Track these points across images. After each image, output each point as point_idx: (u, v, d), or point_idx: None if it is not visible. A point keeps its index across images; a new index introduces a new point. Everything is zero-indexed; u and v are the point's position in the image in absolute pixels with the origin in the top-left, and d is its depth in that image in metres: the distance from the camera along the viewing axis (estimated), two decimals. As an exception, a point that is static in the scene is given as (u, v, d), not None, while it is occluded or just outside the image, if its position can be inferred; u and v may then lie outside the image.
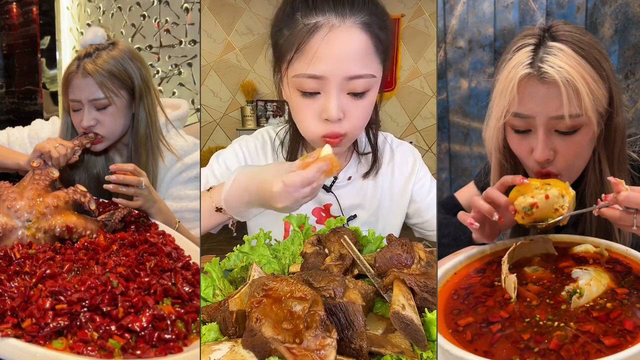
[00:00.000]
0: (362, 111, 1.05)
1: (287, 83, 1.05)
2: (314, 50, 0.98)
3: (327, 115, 1.01)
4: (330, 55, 0.98)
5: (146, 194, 1.23)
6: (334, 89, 1.00)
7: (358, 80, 1.00)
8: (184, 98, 2.38)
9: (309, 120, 1.05)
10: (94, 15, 3.17)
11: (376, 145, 1.25)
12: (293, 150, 1.24)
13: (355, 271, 0.90)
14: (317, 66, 0.99)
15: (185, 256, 1.06)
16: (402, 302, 0.72)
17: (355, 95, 1.02)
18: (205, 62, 4.35)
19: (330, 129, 1.03)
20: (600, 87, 0.95)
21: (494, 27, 2.18)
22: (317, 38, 0.98)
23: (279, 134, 1.28)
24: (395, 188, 1.27)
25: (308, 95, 1.02)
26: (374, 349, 0.69)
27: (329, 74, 0.99)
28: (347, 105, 1.02)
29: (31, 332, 0.75)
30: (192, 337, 0.81)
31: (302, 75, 1.00)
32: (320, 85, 1.00)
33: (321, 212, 1.22)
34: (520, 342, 0.71)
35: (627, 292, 0.77)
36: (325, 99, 1.01)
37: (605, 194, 0.87)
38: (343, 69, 0.99)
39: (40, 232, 1.06)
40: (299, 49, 1.00)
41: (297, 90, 1.03)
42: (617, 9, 1.93)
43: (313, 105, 1.03)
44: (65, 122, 1.44)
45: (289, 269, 0.96)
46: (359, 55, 1.00)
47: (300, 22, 1.01)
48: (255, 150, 1.28)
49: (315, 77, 0.99)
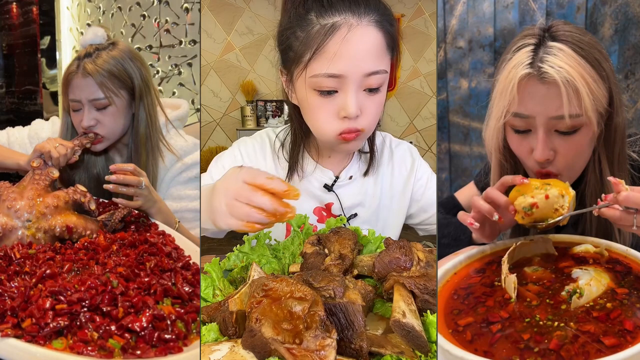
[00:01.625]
0: (377, 106, 1.07)
1: (303, 84, 1.05)
2: (334, 50, 0.99)
3: (346, 113, 1.02)
4: (349, 54, 1.00)
5: (146, 194, 1.23)
6: (353, 87, 1.01)
7: (374, 76, 1.02)
8: (184, 98, 2.38)
9: (324, 119, 1.06)
10: (94, 15, 3.17)
11: (374, 142, 1.25)
12: (294, 152, 1.24)
13: (355, 271, 0.90)
14: (337, 65, 1.00)
15: (185, 256, 1.06)
16: (402, 309, 0.72)
17: (371, 91, 1.04)
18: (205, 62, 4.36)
19: (347, 126, 1.04)
20: (600, 87, 0.95)
21: (494, 27, 2.17)
22: (337, 38, 0.99)
23: (279, 135, 1.29)
24: (395, 187, 1.27)
25: (325, 94, 1.03)
26: (374, 349, 0.69)
27: (348, 72, 1.00)
28: (363, 101, 1.04)
29: (31, 332, 0.75)
30: (192, 337, 0.81)
31: (322, 75, 1.01)
32: (338, 84, 1.02)
33: (322, 211, 1.23)
34: (520, 342, 0.71)
35: (627, 292, 0.77)
36: (343, 97, 1.02)
37: (605, 194, 0.87)
38: (361, 67, 1.01)
39: (40, 232, 1.06)
40: (317, 50, 1.01)
41: (313, 90, 1.04)
42: (617, 9, 1.93)
43: (330, 105, 1.04)
44: (65, 122, 1.44)
45: (289, 269, 0.97)
46: (375, 52, 1.02)
47: (315, 22, 1.01)
48: (254, 153, 1.28)
49: (334, 76, 1.01)
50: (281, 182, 0.80)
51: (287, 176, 1.25)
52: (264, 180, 0.80)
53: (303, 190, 1.23)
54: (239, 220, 0.80)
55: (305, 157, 1.25)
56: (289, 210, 0.80)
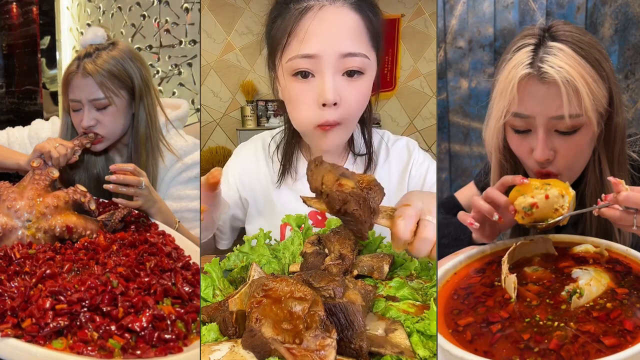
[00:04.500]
0: (357, 95, 1.04)
1: (282, 73, 1.04)
2: (305, 29, 0.99)
3: (323, 99, 1.00)
4: (322, 32, 0.99)
5: (146, 194, 1.23)
6: (329, 69, 1.00)
7: (352, 58, 1.00)
8: (184, 98, 2.38)
9: (304, 108, 1.04)
10: (94, 15, 3.17)
11: (370, 145, 1.24)
12: (287, 152, 1.23)
13: (355, 271, 0.90)
14: (310, 45, 0.99)
15: (185, 256, 1.05)
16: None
17: (350, 77, 1.02)
18: (205, 62, 4.35)
19: (325, 116, 1.02)
20: (600, 87, 0.95)
21: (494, 27, 2.17)
22: (307, 17, 0.99)
23: (275, 137, 1.28)
24: (392, 186, 1.26)
25: (302, 78, 1.02)
26: (374, 349, 0.69)
27: (322, 52, 0.99)
28: (342, 87, 1.02)
29: (31, 332, 0.74)
30: (192, 337, 0.81)
31: (296, 56, 1.00)
32: (314, 66, 1.00)
33: (317, 215, 1.22)
34: (520, 342, 0.71)
35: (627, 292, 0.77)
36: (320, 81, 1.01)
37: (605, 194, 0.87)
38: (336, 46, 0.99)
39: (40, 232, 1.06)
40: (291, 32, 1.00)
41: (291, 76, 1.03)
42: (617, 9, 1.93)
43: (308, 92, 1.02)
44: (65, 122, 1.44)
45: (288, 269, 0.96)
46: (351, 32, 1.01)
47: (292, 8, 1.02)
48: (248, 157, 1.29)
49: (308, 57, 1.00)
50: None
51: (280, 178, 1.24)
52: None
53: (298, 192, 1.22)
54: None
55: (300, 158, 1.25)
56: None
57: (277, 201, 1.25)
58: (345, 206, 0.77)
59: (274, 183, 1.25)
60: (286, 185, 1.25)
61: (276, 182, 1.25)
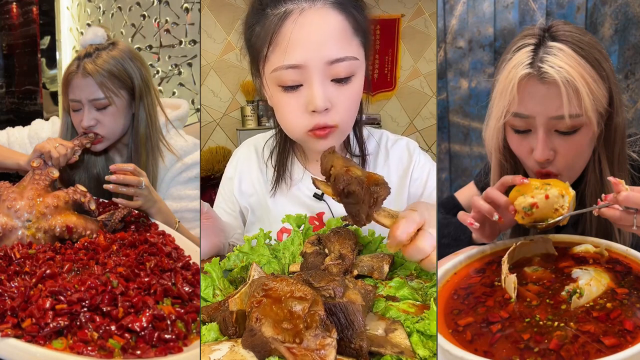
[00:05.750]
0: (349, 99, 0.99)
1: (266, 82, 1.00)
2: (287, 38, 0.93)
3: (313, 107, 0.95)
4: (306, 40, 0.93)
5: (146, 194, 1.23)
6: (317, 77, 0.94)
7: (340, 63, 0.95)
8: (184, 98, 2.38)
9: (293, 116, 0.99)
10: (94, 15, 3.17)
11: (363, 143, 1.20)
12: (281, 157, 1.20)
13: (355, 271, 0.90)
14: (294, 54, 0.93)
15: (185, 256, 1.05)
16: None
17: (340, 82, 0.97)
18: (205, 62, 4.35)
19: (317, 121, 0.98)
20: (600, 87, 0.95)
21: (494, 27, 2.17)
22: (288, 24, 0.93)
23: (268, 142, 1.26)
24: (392, 187, 1.25)
25: (290, 89, 0.97)
26: (374, 349, 0.69)
27: (308, 61, 0.93)
28: (333, 94, 0.97)
29: (31, 332, 0.74)
30: (192, 337, 0.81)
31: (280, 67, 0.95)
32: (301, 76, 0.95)
33: (314, 220, 1.20)
34: (520, 342, 0.71)
35: (627, 292, 0.77)
36: (308, 90, 0.95)
37: (605, 194, 0.87)
38: (322, 53, 0.93)
39: (40, 232, 1.06)
40: (272, 41, 0.94)
41: (277, 86, 0.97)
42: (617, 9, 1.93)
43: (297, 100, 0.97)
44: (65, 122, 1.44)
45: (288, 269, 0.96)
46: (337, 36, 0.95)
47: (270, 14, 0.96)
48: (241, 163, 1.28)
49: (294, 67, 0.94)
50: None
51: (274, 184, 1.20)
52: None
53: (293, 198, 1.21)
54: None
55: (295, 162, 1.22)
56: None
57: (273, 209, 1.22)
58: (348, 187, 0.79)
59: (269, 191, 1.23)
60: (281, 192, 1.22)
61: (270, 191, 1.22)
